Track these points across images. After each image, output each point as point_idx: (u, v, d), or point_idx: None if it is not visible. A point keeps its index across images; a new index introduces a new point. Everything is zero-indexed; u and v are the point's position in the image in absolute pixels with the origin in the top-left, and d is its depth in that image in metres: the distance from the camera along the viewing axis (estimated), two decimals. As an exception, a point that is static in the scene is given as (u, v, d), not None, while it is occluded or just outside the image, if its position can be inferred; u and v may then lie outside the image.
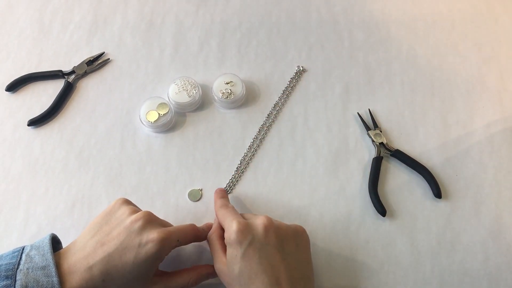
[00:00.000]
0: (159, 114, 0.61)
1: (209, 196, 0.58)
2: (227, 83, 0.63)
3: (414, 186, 0.58)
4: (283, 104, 0.64)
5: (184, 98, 0.62)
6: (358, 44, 0.69)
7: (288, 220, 0.56)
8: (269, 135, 0.62)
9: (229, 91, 0.63)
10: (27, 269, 0.42)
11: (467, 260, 0.54)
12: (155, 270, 0.47)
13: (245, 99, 0.65)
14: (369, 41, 0.69)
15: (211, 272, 0.51)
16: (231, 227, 0.47)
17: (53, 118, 0.63)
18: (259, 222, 0.47)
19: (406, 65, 0.67)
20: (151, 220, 0.48)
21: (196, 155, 0.61)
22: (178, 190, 0.58)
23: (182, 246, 0.52)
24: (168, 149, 0.61)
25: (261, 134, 0.62)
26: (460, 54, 0.68)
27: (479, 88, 0.65)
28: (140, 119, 0.61)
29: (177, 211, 0.57)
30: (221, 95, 0.62)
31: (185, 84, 0.63)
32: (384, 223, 0.56)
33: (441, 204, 0.57)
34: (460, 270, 0.53)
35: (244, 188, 0.59)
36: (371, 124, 0.62)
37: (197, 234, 0.51)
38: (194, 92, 0.63)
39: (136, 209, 0.49)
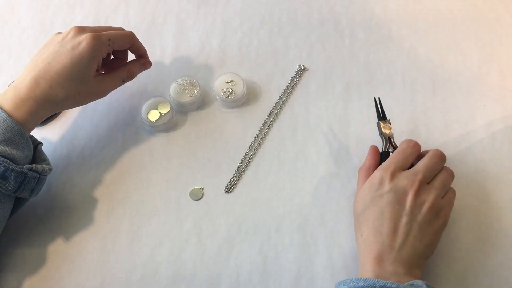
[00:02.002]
0: (160, 113, 0.61)
1: (210, 195, 0.58)
2: (228, 82, 0.63)
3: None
4: (284, 103, 0.64)
5: (185, 98, 0.63)
6: (359, 43, 0.69)
7: (290, 219, 0.56)
8: (270, 134, 0.62)
9: (230, 90, 0.63)
10: None
11: (468, 259, 0.54)
12: (94, 70, 0.54)
13: (246, 98, 0.65)
14: (370, 40, 0.69)
15: (143, 62, 0.61)
16: (381, 168, 0.50)
17: (55, 117, 0.64)
18: (408, 181, 0.48)
19: (407, 64, 0.67)
20: (81, 30, 0.54)
21: (197, 154, 0.61)
22: (180, 189, 0.59)
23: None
24: (169, 148, 0.61)
25: (262, 133, 0.62)
26: (461, 52, 0.68)
27: (480, 86, 0.65)
28: (142, 118, 0.61)
29: (178, 210, 0.57)
30: (222, 94, 0.63)
31: (186, 83, 0.63)
32: (385, 222, 0.56)
33: (442, 202, 0.57)
34: (461, 269, 0.53)
35: (245, 187, 0.59)
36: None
37: (133, 39, 0.58)
38: (195, 91, 0.63)
39: None
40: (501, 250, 0.54)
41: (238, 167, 0.60)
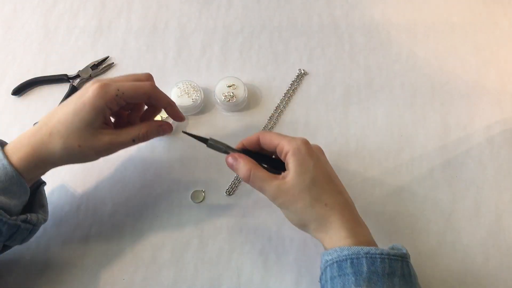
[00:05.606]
0: (161, 117, 0.62)
1: (211, 198, 0.59)
2: (229, 86, 0.64)
3: (415, 186, 0.59)
4: (284, 107, 0.65)
5: (186, 102, 0.63)
6: (359, 47, 0.70)
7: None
8: (271, 138, 0.63)
9: (231, 94, 0.64)
10: None
11: (467, 261, 0.54)
12: (100, 123, 0.48)
13: (247, 102, 0.65)
14: (369, 45, 0.70)
15: (162, 126, 0.53)
16: (296, 141, 0.48)
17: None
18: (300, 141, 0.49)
19: (407, 68, 0.68)
20: (98, 81, 0.49)
21: (199, 157, 0.62)
22: (181, 191, 0.59)
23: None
24: (171, 151, 0.62)
25: (263, 137, 0.63)
26: (459, 57, 0.68)
27: (479, 90, 0.66)
28: (144, 122, 0.62)
29: (180, 212, 0.58)
30: (223, 98, 0.63)
31: (187, 87, 0.64)
32: (384, 224, 0.57)
33: (441, 204, 0.58)
34: (460, 271, 0.54)
35: (245, 190, 0.59)
36: None
37: (149, 93, 0.51)
38: (196, 95, 0.64)
39: None
40: (500, 252, 0.55)
41: (239, 170, 0.60)
